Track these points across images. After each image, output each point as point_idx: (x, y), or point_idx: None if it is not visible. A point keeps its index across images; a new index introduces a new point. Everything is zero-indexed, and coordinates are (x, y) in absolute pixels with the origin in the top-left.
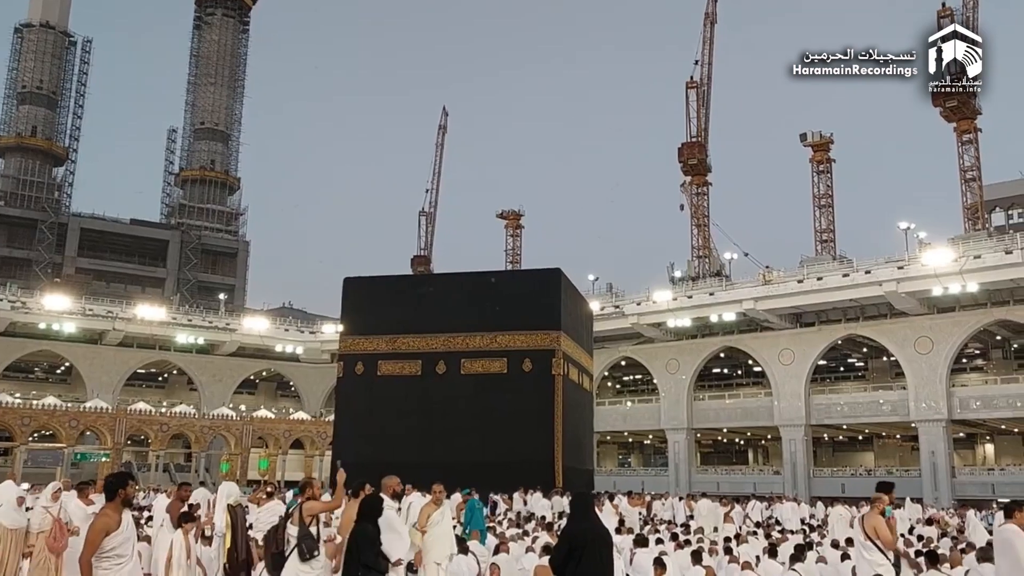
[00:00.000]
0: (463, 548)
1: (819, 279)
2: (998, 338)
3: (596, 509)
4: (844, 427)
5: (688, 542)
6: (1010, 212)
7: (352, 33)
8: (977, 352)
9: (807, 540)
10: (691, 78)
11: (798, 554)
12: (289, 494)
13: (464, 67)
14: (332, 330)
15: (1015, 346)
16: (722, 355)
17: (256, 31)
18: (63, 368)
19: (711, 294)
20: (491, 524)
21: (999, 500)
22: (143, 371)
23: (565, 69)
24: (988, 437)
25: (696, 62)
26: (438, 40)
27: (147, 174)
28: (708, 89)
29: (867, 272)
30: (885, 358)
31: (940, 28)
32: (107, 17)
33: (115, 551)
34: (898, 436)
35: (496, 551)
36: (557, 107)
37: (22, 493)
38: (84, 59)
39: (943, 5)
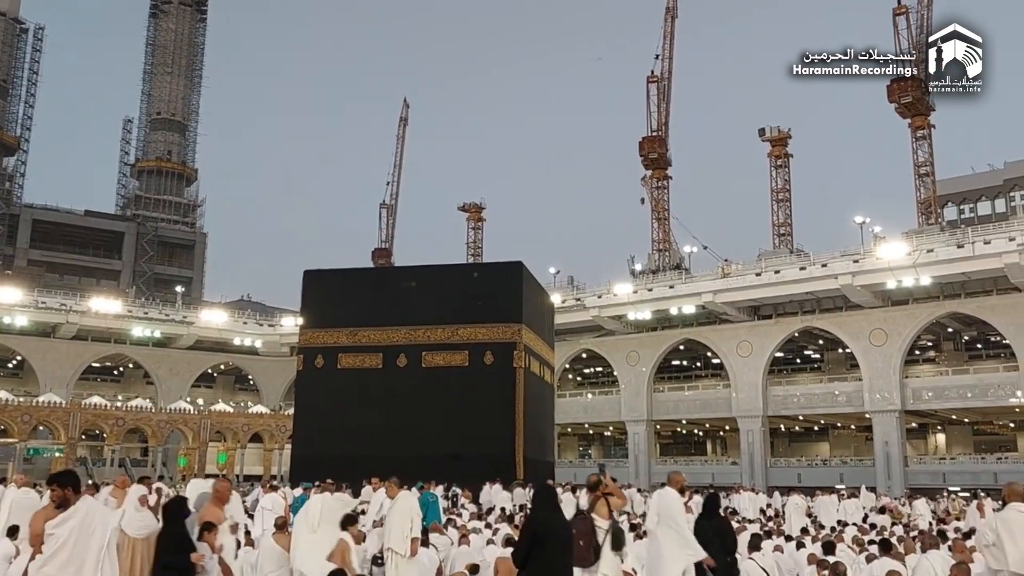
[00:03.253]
0: (424, 540)
1: (776, 272)
2: (950, 330)
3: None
4: (800, 418)
5: (647, 532)
6: (962, 207)
7: (312, 23)
8: (929, 344)
9: (764, 529)
10: (652, 72)
11: (755, 543)
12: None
13: (426, 60)
14: (291, 323)
15: (966, 338)
16: (681, 347)
17: (214, 20)
18: (15, 362)
19: (671, 287)
20: (453, 516)
21: (949, 488)
22: (98, 365)
23: (528, 64)
24: (939, 427)
25: (657, 56)
26: (400, 31)
27: (102, 165)
28: (669, 84)
29: (823, 265)
30: (840, 350)
31: (896, 26)
32: (60, 4)
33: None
34: (853, 426)
35: (458, 543)
36: (519, 101)
37: (143, 491)
38: (36, 47)
39: (898, 3)
